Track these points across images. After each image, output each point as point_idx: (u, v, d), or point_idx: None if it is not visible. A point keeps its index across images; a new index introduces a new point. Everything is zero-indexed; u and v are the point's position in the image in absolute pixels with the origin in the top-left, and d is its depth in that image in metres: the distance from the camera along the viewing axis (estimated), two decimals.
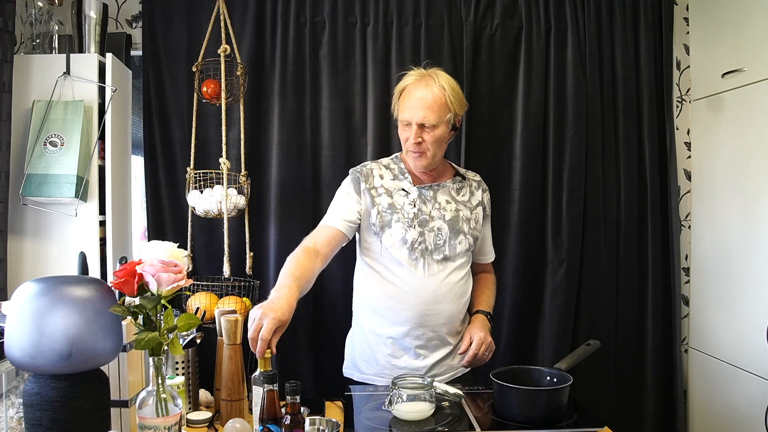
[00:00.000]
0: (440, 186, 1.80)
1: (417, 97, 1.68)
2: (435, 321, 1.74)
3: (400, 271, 1.73)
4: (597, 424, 1.42)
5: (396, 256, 1.73)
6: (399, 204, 1.75)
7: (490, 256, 1.96)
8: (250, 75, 2.13)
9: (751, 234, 2.10)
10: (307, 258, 1.58)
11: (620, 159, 2.34)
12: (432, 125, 1.68)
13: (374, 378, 1.79)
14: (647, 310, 2.37)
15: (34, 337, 1.12)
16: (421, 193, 1.77)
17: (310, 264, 1.57)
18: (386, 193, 1.77)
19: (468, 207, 1.82)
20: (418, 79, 1.72)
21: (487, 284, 1.94)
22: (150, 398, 1.17)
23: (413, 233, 1.72)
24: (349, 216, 1.73)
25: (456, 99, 1.71)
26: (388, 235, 1.73)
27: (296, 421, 1.21)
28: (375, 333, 1.79)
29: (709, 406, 2.31)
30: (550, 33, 2.29)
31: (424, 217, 1.74)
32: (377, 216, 1.74)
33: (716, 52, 2.27)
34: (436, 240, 1.74)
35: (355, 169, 1.83)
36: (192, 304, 1.90)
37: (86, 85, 2.02)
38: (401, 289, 1.73)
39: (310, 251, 1.61)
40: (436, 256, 1.74)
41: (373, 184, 1.77)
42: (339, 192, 1.82)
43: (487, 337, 1.76)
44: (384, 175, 1.80)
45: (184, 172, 2.06)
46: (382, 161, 1.86)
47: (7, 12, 1.91)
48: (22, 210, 1.99)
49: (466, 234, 1.78)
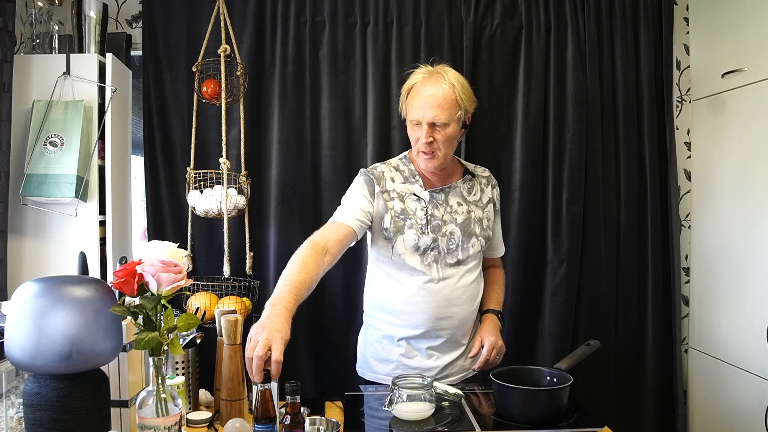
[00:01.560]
0: (451, 188, 1.76)
1: (426, 95, 1.63)
2: (449, 324, 1.72)
3: (413, 276, 1.71)
4: (597, 424, 1.42)
5: (408, 261, 1.70)
6: (411, 209, 1.72)
7: (500, 250, 1.94)
8: (250, 75, 2.13)
9: (751, 234, 2.10)
10: (313, 258, 1.48)
11: (620, 159, 2.34)
12: (443, 123, 1.63)
13: (386, 378, 1.76)
14: (647, 310, 2.37)
15: (34, 337, 1.11)
16: (432, 197, 1.73)
17: (314, 266, 1.47)
18: (398, 197, 1.72)
19: (479, 206, 1.79)
20: (427, 76, 1.67)
21: (497, 280, 1.91)
22: (150, 398, 1.17)
23: (426, 239, 1.69)
24: (362, 216, 1.68)
25: (466, 96, 1.66)
26: (401, 241, 1.70)
27: (296, 421, 1.21)
28: (388, 334, 1.76)
29: (709, 406, 2.31)
30: (550, 33, 2.29)
31: (436, 223, 1.71)
32: (391, 221, 1.70)
33: (716, 52, 2.27)
34: (448, 245, 1.71)
35: (366, 171, 1.76)
36: (192, 304, 1.90)
37: (86, 85, 2.02)
38: (414, 294, 1.71)
39: (318, 249, 1.52)
40: (449, 260, 1.72)
41: (386, 188, 1.73)
42: (353, 190, 1.75)
43: (498, 341, 1.74)
44: (395, 178, 1.75)
45: (184, 172, 2.06)
46: (392, 162, 1.81)
47: (7, 12, 1.91)
48: (22, 210, 1.99)
49: (478, 236, 1.76)
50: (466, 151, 2.24)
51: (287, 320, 1.28)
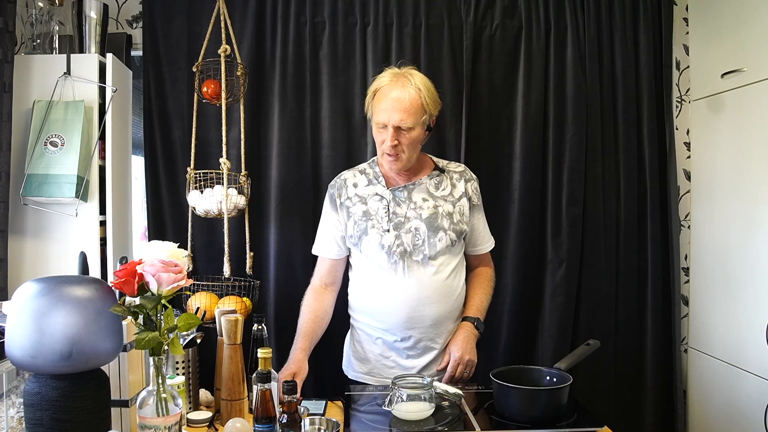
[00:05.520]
0: (415, 185, 1.77)
1: (392, 98, 1.64)
2: (422, 323, 1.72)
3: (382, 276, 1.73)
4: (597, 424, 1.42)
5: (376, 261, 1.73)
6: (373, 210, 1.75)
7: (485, 246, 1.88)
8: (250, 75, 2.14)
9: (750, 234, 2.11)
10: (316, 301, 1.80)
11: (620, 159, 2.34)
12: (408, 128, 1.64)
13: (365, 376, 1.81)
14: (647, 310, 2.37)
15: (34, 337, 1.12)
16: (394, 195, 1.75)
17: (320, 307, 1.79)
18: (360, 201, 1.77)
19: (449, 201, 1.77)
20: (393, 79, 1.67)
21: (481, 284, 1.87)
22: (150, 398, 1.17)
23: (389, 237, 1.71)
24: (337, 241, 1.81)
25: (431, 100, 1.67)
26: (366, 242, 1.73)
27: (293, 420, 1.22)
28: (366, 333, 1.80)
29: (708, 406, 2.31)
30: (549, 33, 2.29)
31: (399, 220, 1.73)
32: (354, 226, 1.75)
33: (716, 52, 2.27)
34: (414, 241, 1.72)
35: (331, 185, 1.86)
36: (192, 303, 1.91)
37: (87, 86, 2.02)
38: (385, 293, 1.73)
39: (318, 291, 1.83)
40: (415, 257, 1.72)
41: (348, 195, 1.78)
42: (323, 217, 1.87)
43: (464, 356, 1.71)
44: (358, 183, 1.80)
45: (185, 172, 2.06)
46: (359, 167, 1.86)
47: (7, 12, 1.91)
48: (22, 210, 1.99)
49: (446, 230, 1.74)
50: (466, 151, 2.23)
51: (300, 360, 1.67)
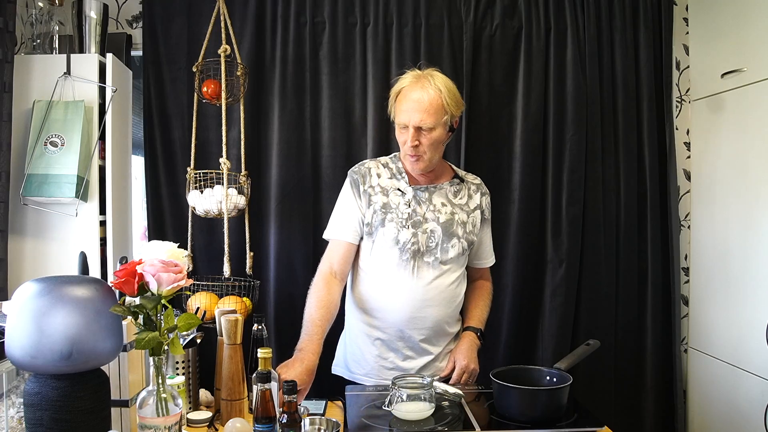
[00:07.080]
0: (437, 188, 1.78)
1: (413, 99, 1.66)
2: (422, 324, 1.73)
3: (390, 273, 1.73)
4: (597, 424, 1.42)
5: (386, 256, 1.73)
6: (394, 203, 1.75)
7: (488, 261, 1.93)
8: (250, 75, 2.14)
9: (750, 233, 2.11)
10: (327, 290, 1.70)
11: (620, 159, 2.34)
12: (429, 128, 1.66)
13: (362, 378, 1.80)
14: (647, 310, 2.37)
15: (34, 337, 1.12)
16: (416, 194, 1.76)
17: (330, 297, 1.69)
18: (382, 192, 1.76)
19: (465, 210, 1.80)
20: (414, 81, 1.69)
21: (482, 296, 1.90)
22: (150, 398, 1.17)
23: (406, 234, 1.72)
24: (356, 225, 1.76)
25: (453, 101, 1.68)
26: (381, 234, 1.73)
27: (293, 420, 1.22)
28: (364, 333, 1.79)
29: (708, 405, 2.31)
30: (549, 33, 2.29)
31: (417, 218, 1.74)
32: (373, 215, 1.74)
33: (716, 52, 2.27)
34: (428, 242, 1.73)
35: (353, 170, 1.82)
36: (192, 303, 1.90)
37: (87, 86, 2.02)
38: (390, 291, 1.73)
39: (328, 279, 1.72)
40: (427, 258, 1.73)
41: (371, 183, 1.77)
42: (342, 200, 1.81)
43: (470, 365, 1.74)
44: (381, 174, 1.79)
45: (185, 172, 2.06)
46: (381, 159, 1.85)
47: (7, 12, 1.91)
48: (22, 210, 1.99)
49: (460, 238, 1.76)
50: (465, 152, 2.24)
51: (312, 361, 1.57)
